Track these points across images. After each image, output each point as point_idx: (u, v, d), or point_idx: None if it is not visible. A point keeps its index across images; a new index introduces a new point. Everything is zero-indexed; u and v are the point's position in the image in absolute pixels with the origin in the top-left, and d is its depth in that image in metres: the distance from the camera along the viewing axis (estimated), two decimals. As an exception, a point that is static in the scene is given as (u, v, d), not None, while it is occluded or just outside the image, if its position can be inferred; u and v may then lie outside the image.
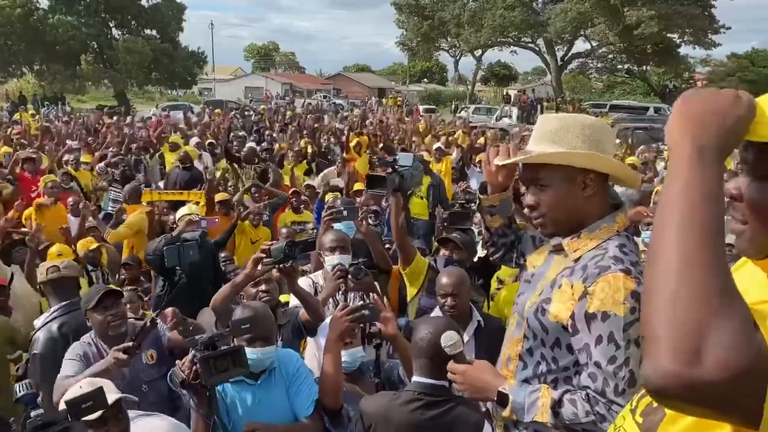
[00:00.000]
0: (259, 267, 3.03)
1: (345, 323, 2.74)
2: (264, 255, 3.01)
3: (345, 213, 3.91)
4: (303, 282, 3.71)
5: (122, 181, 8.88)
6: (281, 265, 3.02)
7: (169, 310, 3.99)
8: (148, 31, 39.35)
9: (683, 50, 37.02)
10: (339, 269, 3.36)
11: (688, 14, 32.11)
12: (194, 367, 2.35)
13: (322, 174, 9.75)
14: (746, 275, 1.06)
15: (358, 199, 7.28)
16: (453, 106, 35.94)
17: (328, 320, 2.97)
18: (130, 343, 2.95)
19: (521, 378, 1.83)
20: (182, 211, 5.85)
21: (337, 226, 3.97)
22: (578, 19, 34.50)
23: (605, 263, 1.69)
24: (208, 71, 48.12)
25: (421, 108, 33.83)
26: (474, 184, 8.79)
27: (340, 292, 3.48)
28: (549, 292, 1.78)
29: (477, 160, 9.44)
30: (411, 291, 3.62)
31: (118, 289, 3.69)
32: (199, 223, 5.69)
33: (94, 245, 5.83)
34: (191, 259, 4.55)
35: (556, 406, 1.66)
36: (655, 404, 1.13)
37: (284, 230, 6.24)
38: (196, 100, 42.29)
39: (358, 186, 7.72)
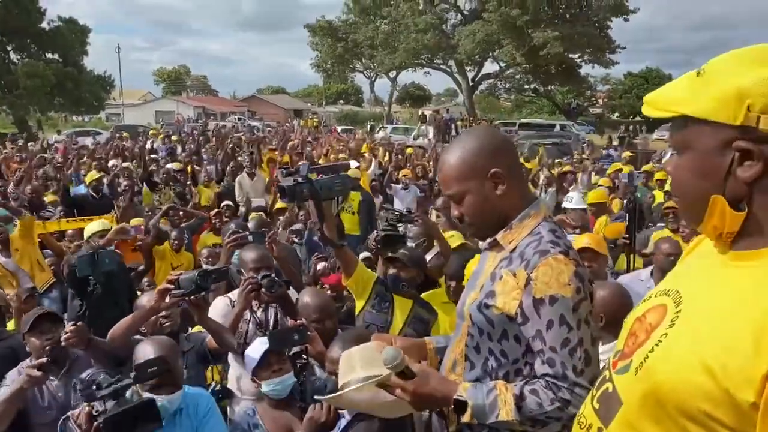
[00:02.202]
0: (167, 299, 2.77)
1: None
2: (171, 286, 2.76)
3: (250, 238, 3.80)
4: (220, 301, 3.54)
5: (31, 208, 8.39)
6: (191, 297, 2.78)
7: (70, 324, 3.69)
8: (50, 55, 37.54)
9: (584, 70, 39.13)
10: (250, 282, 3.13)
11: (588, 34, 33.99)
12: (95, 424, 2.03)
13: (237, 182, 9.67)
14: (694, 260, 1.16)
15: (281, 218, 7.23)
16: (368, 126, 36.26)
17: (252, 348, 2.80)
18: (45, 359, 2.78)
19: (470, 379, 1.78)
20: (92, 227, 5.66)
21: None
22: (486, 40, 35.75)
23: (543, 248, 1.71)
24: (116, 96, 46.39)
25: (338, 128, 33.95)
26: (397, 203, 8.87)
27: (260, 309, 3.36)
28: (490, 285, 1.77)
29: (400, 175, 9.55)
30: (358, 305, 3.53)
31: (53, 311, 3.47)
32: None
33: None
34: (107, 267, 4.31)
35: (518, 400, 1.61)
36: (611, 390, 1.16)
37: (205, 251, 6.05)
38: (103, 125, 40.62)
39: (281, 204, 7.64)
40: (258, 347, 2.77)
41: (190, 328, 3.88)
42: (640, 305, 1.22)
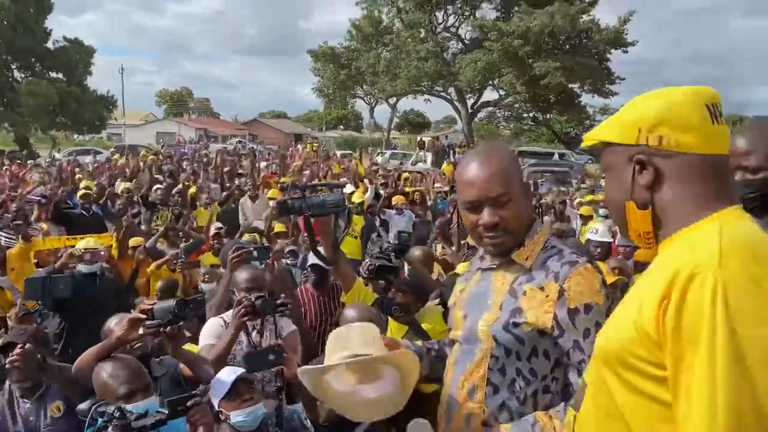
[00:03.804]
0: (140, 330, 2.58)
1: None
2: (144, 316, 2.57)
3: (255, 253, 3.78)
4: (214, 323, 3.45)
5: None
6: (167, 328, 2.60)
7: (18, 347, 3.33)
8: (53, 74, 37.80)
9: (584, 99, 39.40)
10: (245, 306, 3.06)
11: (588, 66, 34.28)
12: None
13: (240, 205, 9.66)
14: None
15: (279, 241, 7.21)
16: (368, 151, 36.43)
17: (221, 375, 2.72)
18: None
19: (495, 403, 1.75)
20: (80, 245, 5.65)
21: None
22: (487, 69, 36.04)
23: (570, 259, 1.74)
24: (118, 116, 46.62)
25: (338, 153, 34.08)
26: (392, 229, 8.80)
27: (254, 330, 3.31)
28: (513, 302, 1.75)
29: (395, 203, 9.54)
30: None
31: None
32: (83, 257, 5.43)
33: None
34: (58, 294, 4.17)
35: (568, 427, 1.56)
36: (581, 382, 1.41)
37: (203, 270, 6.05)
38: (104, 145, 40.76)
39: (279, 227, 7.63)
40: (227, 374, 2.69)
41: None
42: None
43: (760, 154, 1.96)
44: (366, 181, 11.55)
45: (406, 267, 4.38)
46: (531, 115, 42.96)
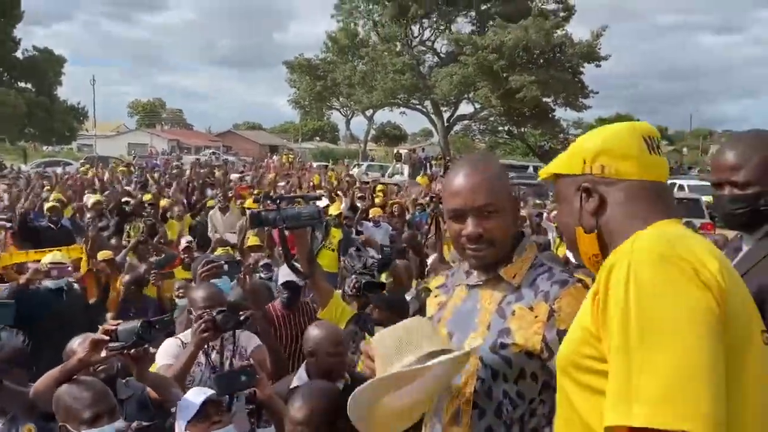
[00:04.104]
0: (103, 352, 2.42)
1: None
2: (106, 337, 2.42)
3: (226, 267, 3.63)
4: (171, 343, 3.25)
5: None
6: (131, 351, 2.45)
7: None
8: (22, 84, 37.15)
9: (557, 113, 39.89)
10: (205, 321, 2.89)
11: (562, 80, 34.74)
12: None
13: (209, 217, 9.52)
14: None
15: (253, 255, 7.02)
16: (344, 162, 36.45)
17: (189, 396, 2.56)
18: None
19: (482, 427, 1.67)
20: (46, 259, 5.48)
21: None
22: (463, 82, 36.32)
23: (560, 278, 1.69)
24: (89, 127, 45.95)
25: (314, 164, 33.97)
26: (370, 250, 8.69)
27: (214, 351, 3.15)
28: (501, 323, 1.68)
29: (371, 216, 9.46)
30: None
31: None
32: (50, 272, 5.26)
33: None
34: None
35: None
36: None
37: (178, 284, 5.87)
38: (74, 156, 40.05)
39: (254, 241, 7.44)
40: (195, 396, 2.54)
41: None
42: None
43: (749, 169, 1.94)
44: (340, 192, 11.46)
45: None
46: (506, 128, 43.38)
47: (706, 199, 14.09)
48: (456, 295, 1.86)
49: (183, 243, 7.16)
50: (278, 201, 2.81)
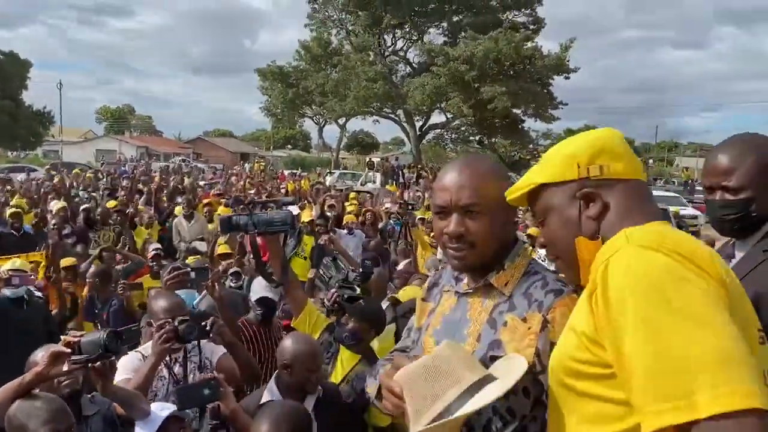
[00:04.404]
0: (65, 365, 2.29)
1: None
2: (68, 350, 2.29)
3: (193, 274, 3.53)
4: (131, 356, 3.11)
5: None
6: (96, 364, 2.32)
7: None
8: (-15, 88, 36.29)
9: (527, 124, 40.35)
10: (167, 330, 2.80)
11: (532, 91, 35.16)
12: None
13: (174, 225, 9.38)
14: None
15: (223, 263, 6.89)
16: (317, 171, 36.28)
17: (153, 409, 2.50)
18: None
19: None
20: (6, 266, 5.27)
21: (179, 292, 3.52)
22: (435, 92, 36.51)
23: (555, 287, 1.60)
24: (56, 133, 44.98)
25: (286, 173, 33.73)
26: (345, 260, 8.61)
27: (176, 363, 3.04)
28: (492, 334, 1.59)
29: (345, 223, 9.39)
30: None
31: None
32: (10, 280, 5.00)
33: None
34: None
35: None
36: None
37: (153, 292, 5.70)
38: (39, 162, 39.15)
39: (224, 248, 7.31)
40: (157, 410, 2.46)
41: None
42: None
43: (741, 174, 1.89)
44: (310, 199, 11.37)
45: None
46: (477, 138, 43.72)
47: (673, 209, 14.32)
48: (444, 303, 1.78)
49: (151, 251, 6.99)
50: (250, 206, 2.72)
